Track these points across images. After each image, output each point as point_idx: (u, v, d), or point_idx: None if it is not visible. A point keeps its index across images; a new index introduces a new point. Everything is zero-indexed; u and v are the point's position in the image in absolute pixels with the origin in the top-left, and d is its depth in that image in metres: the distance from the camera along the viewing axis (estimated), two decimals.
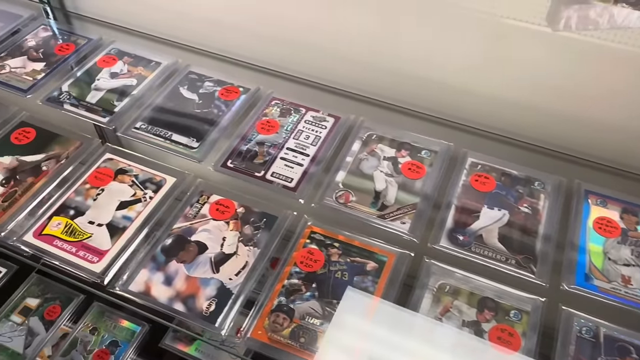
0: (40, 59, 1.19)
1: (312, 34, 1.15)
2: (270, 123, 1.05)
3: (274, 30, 1.17)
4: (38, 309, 1.52)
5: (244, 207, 0.92)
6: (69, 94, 1.10)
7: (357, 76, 1.14)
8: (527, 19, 0.93)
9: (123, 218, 0.90)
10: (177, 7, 1.24)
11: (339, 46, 1.14)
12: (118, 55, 1.20)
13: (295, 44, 1.17)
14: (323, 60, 1.15)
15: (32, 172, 0.97)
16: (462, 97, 1.07)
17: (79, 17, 1.37)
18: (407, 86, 1.10)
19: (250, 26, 1.19)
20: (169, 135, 1.03)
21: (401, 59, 1.09)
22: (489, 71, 1.03)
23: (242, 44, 1.21)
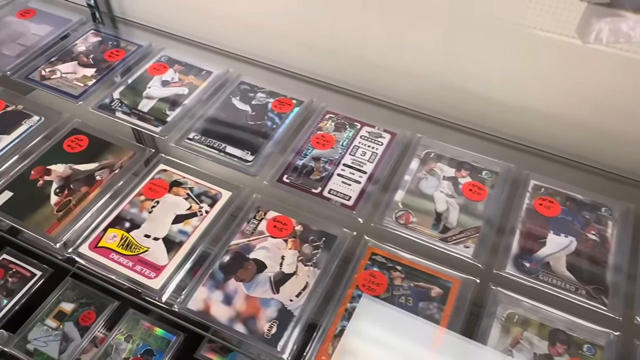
0: (90, 64, 1.18)
1: (366, 48, 1.12)
2: (325, 138, 1.03)
3: (327, 42, 1.15)
4: (73, 314, 1.51)
5: (302, 225, 0.90)
6: (120, 101, 1.09)
7: (412, 91, 1.11)
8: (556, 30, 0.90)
9: (179, 232, 0.88)
10: (228, 16, 1.22)
11: (393, 60, 1.11)
12: (168, 63, 1.18)
13: (348, 57, 1.14)
14: (377, 74, 1.13)
15: (86, 182, 0.95)
16: (516, 114, 1.04)
17: (125, 22, 1.36)
18: (459, 101, 1.08)
19: (302, 37, 1.17)
20: (223, 147, 1.01)
21: (456, 74, 1.07)
22: (536, 86, 1.01)
23: (294, 55, 1.19)
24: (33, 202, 0.92)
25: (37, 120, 1.06)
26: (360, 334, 0.78)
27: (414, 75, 1.10)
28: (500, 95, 1.06)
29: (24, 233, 0.97)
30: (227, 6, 1.22)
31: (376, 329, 0.80)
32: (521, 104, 1.04)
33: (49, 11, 1.32)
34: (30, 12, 1.30)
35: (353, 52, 1.14)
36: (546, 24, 0.92)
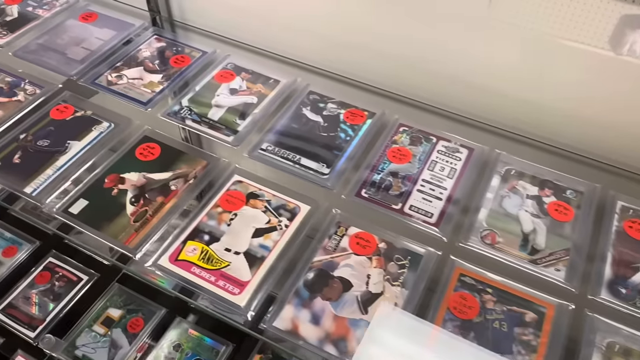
0: (156, 70, 1.16)
1: (440, 59, 1.10)
2: (401, 151, 1.00)
3: (397, 53, 1.13)
4: (121, 321, 1.49)
5: (385, 243, 0.87)
6: (189, 109, 1.07)
7: (486, 105, 1.08)
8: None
9: (260, 247, 0.86)
10: (293, 24, 1.20)
11: (466, 73, 1.08)
12: (235, 70, 1.16)
13: (421, 69, 1.12)
14: (451, 87, 1.10)
15: (161, 192, 0.93)
16: (595, 131, 1.01)
17: (184, 27, 1.35)
18: (536, 115, 1.05)
19: (372, 47, 1.14)
20: (298, 159, 0.98)
21: (535, 90, 1.04)
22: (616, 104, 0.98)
23: (363, 65, 1.16)
24: (109, 211, 0.90)
25: (107, 126, 1.04)
26: (379, 342, 0.76)
27: (488, 90, 1.07)
28: (578, 110, 1.03)
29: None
30: (291, 14, 1.20)
31: (395, 338, 0.78)
32: (600, 120, 1.01)
33: (110, 15, 1.30)
34: (92, 16, 1.29)
35: (424, 64, 1.11)
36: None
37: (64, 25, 1.26)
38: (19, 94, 1.10)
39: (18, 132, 1.02)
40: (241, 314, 0.79)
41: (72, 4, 1.33)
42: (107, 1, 1.36)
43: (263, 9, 1.22)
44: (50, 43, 1.21)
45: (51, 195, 0.93)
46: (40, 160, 0.97)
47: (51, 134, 1.02)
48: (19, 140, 1.01)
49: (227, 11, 1.27)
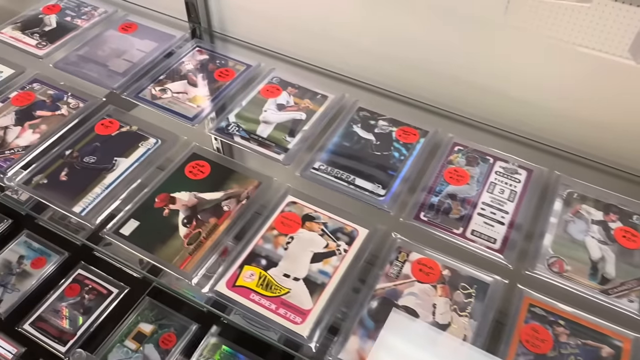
0: (201, 84, 1.13)
1: (494, 77, 1.06)
2: (458, 172, 0.97)
3: (449, 69, 1.09)
4: (153, 336, 1.46)
5: (449, 270, 0.84)
6: (237, 125, 1.04)
7: (545, 123, 1.05)
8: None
9: (320, 273, 0.83)
10: (339, 37, 1.17)
11: (520, 92, 1.05)
12: (281, 85, 1.13)
13: (475, 86, 1.08)
14: (506, 105, 1.07)
15: (214, 212, 0.90)
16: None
17: (224, 38, 1.32)
18: (595, 134, 1.01)
19: (422, 64, 1.11)
20: (352, 179, 0.95)
21: (593, 109, 1.00)
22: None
23: (413, 81, 1.13)
24: (161, 232, 0.87)
25: (154, 143, 1.01)
26: (390, 349, 0.75)
27: (549, 109, 1.04)
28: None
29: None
30: (337, 28, 1.17)
31: (406, 345, 0.77)
32: None
33: (150, 25, 1.28)
34: (131, 27, 1.26)
35: (477, 80, 1.08)
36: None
37: (104, 36, 1.24)
38: (62, 107, 1.07)
39: (63, 148, 0.99)
40: (304, 344, 0.75)
41: (110, 14, 1.30)
42: (145, 11, 1.33)
43: (307, 21, 1.20)
44: (91, 54, 1.18)
45: (101, 215, 0.90)
46: (88, 177, 0.95)
47: (97, 150, 0.99)
48: (64, 156, 0.98)
49: (270, 23, 1.24)
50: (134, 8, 1.34)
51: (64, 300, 1.54)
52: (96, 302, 1.54)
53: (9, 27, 1.24)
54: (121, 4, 1.34)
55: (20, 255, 1.62)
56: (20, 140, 1.00)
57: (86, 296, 1.54)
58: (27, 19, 1.27)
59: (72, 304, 1.53)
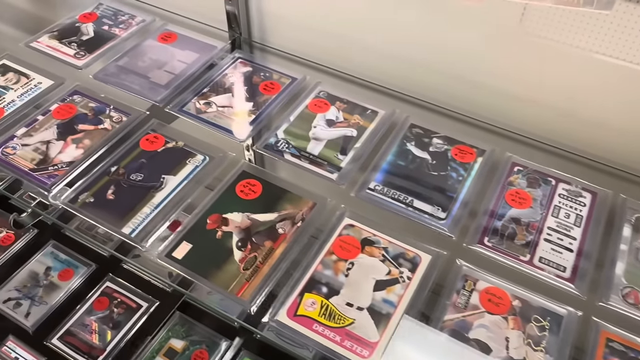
0: (246, 97, 1.09)
1: (557, 95, 1.02)
2: (520, 195, 0.93)
3: (505, 85, 1.05)
4: (184, 353, 1.42)
5: (519, 300, 0.80)
6: (287, 142, 1.00)
7: (607, 144, 1.01)
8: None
9: (384, 302, 0.79)
10: (387, 50, 1.13)
11: (583, 110, 1.01)
12: (328, 99, 1.10)
13: (532, 104, 1.04)
14: (565, 123, 1.03)
15: (269, 235, 0.87)
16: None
17: (263, 48, 1.28)
18: None
19: (477, 78, 1.07)
20: (410, 200, 0.91)
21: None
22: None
23: (466, 97, 1.09)
24: (216, 256, 0.83)
25: (202, 160, 0.98)
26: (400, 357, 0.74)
27: (610, 129, 1.00)
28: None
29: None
30: (384, 40, 1.13)
31: (417, 353, 0.76)
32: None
33: (189, 35, 1.24)
34: (171, 36, 1.22)
35: (535, 96, 1.04)
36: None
37: (143, 46, 1.20)
38: (105, 121, 1.03)
39: (109, 165, 0.96)
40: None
41: (148, 23, 1.27)
42: (183, 20, 1.29)
43: (351, 33, 1.16)
44: (132, 65, 1.15)
45: (151, 236, 0.86)
46: (136, 196, 0.91)
47: (144, 167, 0.96)
48: (110, 173, 0.94)
49: (313, 34, 1.20)
50: (172, 17, 1.30)
51: (93, 314, 1.50)
52: (125, 316, 1.50)
53: (45, 35, 1.21)
54: (159, 13, 1.30)
55: (47, 267, 1.59)
56: (63, 156, 0.97)
57: (115, 310, 1.51)
58: (64, 27, 1.24)
59: (101, 318, 1.50)
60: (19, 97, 1.07)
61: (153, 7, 1.32)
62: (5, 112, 1.04)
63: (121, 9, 1.30)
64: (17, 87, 1.10)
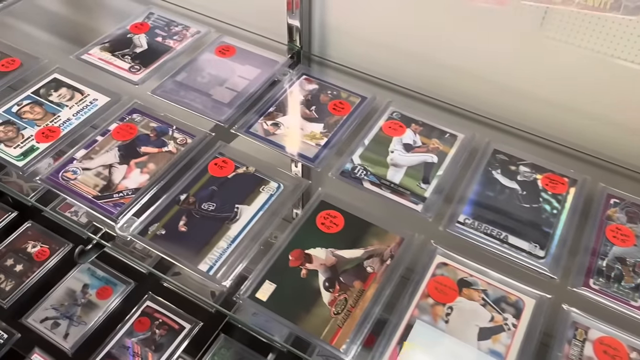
0: (315, 118, 1.03)
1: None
2: (622, 231, 0.86)
3: (594, 109, 0.98)
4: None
5: (637, 352, 0.73)
6: (364, 168, 0.94)
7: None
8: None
9: (491, 353, 0.72)
10: (461, 67, 1.07)
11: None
12: (403, 121, 1.03)
13: (623, 128, 0.98)
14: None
15: (357, 274, 0.80)
16: None
17: (321, 61, 1.22)
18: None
19: (560, 100, 1.00)
20: (504, 236, 0.85)
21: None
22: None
23: (549, 119, 1.02)
24: (303, 298, 0.77)
25: (276, 187, 0.91)
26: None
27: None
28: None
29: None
30: (460, 56, 1.06)
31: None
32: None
33: (248, 49, 1.17)
34: (229, 50, 1.16)
35: (625, 121, 0.97)
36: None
37: (201, 60, 1.14)
38: (169, 143, 0.97)
39: (177, 192, 0.89)
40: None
41: (203, 34, 1.20)
42: (238, 32, 1.23)
43: (422, 49, 1.09)
44: (191, 81, 1.08)
45: (231, 274, 0.79)
46: (210, 228, 0.84)
47: (215, 195, 0.89)
48: (180, 202, 0.88)
49: (380, 49, 1.13)
50: (227, 28, 1.23)
51: (134, 335, 1.44)
52: (168, 338, 1.44)
53: (96, 47, 1.14)
54: (213, 24, 1.23)
55: (84, 284, 1.53)
56: (128, 182, 0.90)
57: (157, 331, 1.45)
58: (116, 38, 1.17)
59: (142, 340, 1.44)
60: (75, 116, 1.01)
61: (206, 18, 1.26)
62: (62, 131, 0.98)
63: (174, 19, 1.23)
64: (72, 104, 1.03)
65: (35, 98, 1.04)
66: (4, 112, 1.01)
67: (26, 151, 0.94)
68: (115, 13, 1.34)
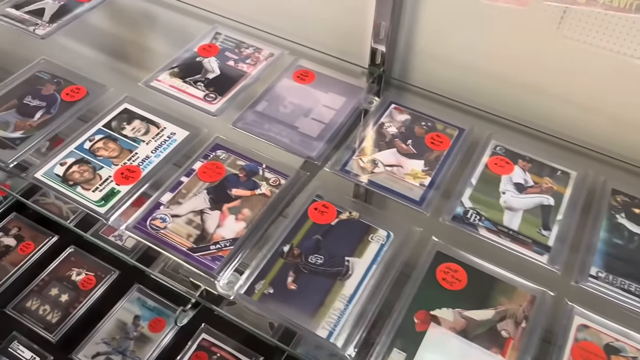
0: (413, 154, 0.95)
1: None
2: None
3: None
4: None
5: None
6: (477, 212, 0.86)
7: None
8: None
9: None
10: (567, 96, 0.98)
11: None
12: (508, 156, 0.95)
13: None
14: None
15: (492, 340, 0.73)
16: None
17: (402, 86, 1.13)
18: None
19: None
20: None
21: None
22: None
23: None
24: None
25: (386, 236, 0.83)
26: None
27: None
28: None
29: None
30: (564, 83, 0.98)
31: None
32: None
33: (326, 73, 1.09)
34: (308, 75, 1.07)
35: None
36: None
37: (280, 87, 1.05)
38: (261, 184, 0.89)
39: (279, 243, 0.81)
40: None
41: (277, 57, 1.11)
42: (312, 54, 1.14)
43: (522, 75, 1.01)
44: (273, 111, 1.00)
45: (353, 340, 0.71)
46: (322, 286, 0.77)
47: (320, 246, 0.81)
48: (284, 254, 0.80)
49: (473, 73, 1.05)
50: (299, 49, 1.15)
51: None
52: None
53: (165, 73, 1.05)
54: (284, 44, 1.15)
55: (135, 315, 1.45)
56: (223, 231, 0.82)
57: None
58: (185, 63, 1.08)
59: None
60: (154, 153, 0.92)
61: (274, 37, 1.17)
62: (142, 171, 0.89)
63: (243, 40, 1.14)
64: (148, 139, 0.95)
65: (107, 132, 0.96)
66: (76, 148, 0.92)
67: (106, 195, 0.86)
68: (176, 31, 1.25)
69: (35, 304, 1.47)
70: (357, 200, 0.88)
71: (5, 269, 1.53)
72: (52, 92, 1.02)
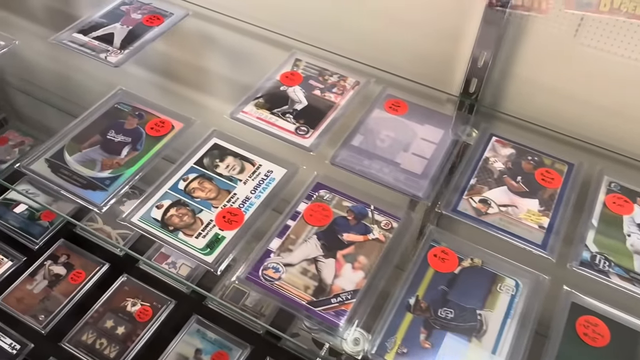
0: (526, 192, 0.89)
1: None
2: None
3: None
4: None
5: None
6: (604, 257, 0.80)
7: None
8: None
9: None
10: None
11: None
12: (625, 194, 0.92)
13: None
14: None
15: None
16: None
17: (492, 114, 1.08)
18: None
19: None
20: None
21: None
22: None
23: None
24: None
25: (515, 285, 0.78)
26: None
27: None
28: None
29: None
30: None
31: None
32: None
33: (417, 102, 1.04)
34: (400, 105, 1.02)
35: None
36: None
37: (373, 119, 1.00)
38: (373, 229, 0.83)
39: (402, 294, 0.76)
40: None
41: (363, 85, 1.06)
42: (402, 82, 1.09)
43: (624, 104, 0.96)
44: (370, 146, 0.95)
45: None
46: (457, 344, 0.71)
47: (447, 297, 0.76)
48: (410, 308, 0.74)
49: (571, 102, 1.00)
50: (384, 77, 1.09)
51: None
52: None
53: (250, 104, 1.00)
54: (370, 72, 1.09)
55: (196, 349, 1.39)
56: (342, 281, 0.77)
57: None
58: (269, 92, 1.03)
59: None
60: (253, 193, 0.87)
61: (357, 64, 1.11)
62: (246, 216, 0.83)
63: (326, 68, 1.09)
64: (245, 178, 0.89)
65: (201, 171, 0.90)
66: (171, 189, 0.87)
67: (211, 242, 0.80)
68: (249, 57, 1.19)
69: (92, 338, 1.41)
70: (476, 245, 0.82)
71: (57, 299, 1.47)
72: (136, 126, 0.96)
